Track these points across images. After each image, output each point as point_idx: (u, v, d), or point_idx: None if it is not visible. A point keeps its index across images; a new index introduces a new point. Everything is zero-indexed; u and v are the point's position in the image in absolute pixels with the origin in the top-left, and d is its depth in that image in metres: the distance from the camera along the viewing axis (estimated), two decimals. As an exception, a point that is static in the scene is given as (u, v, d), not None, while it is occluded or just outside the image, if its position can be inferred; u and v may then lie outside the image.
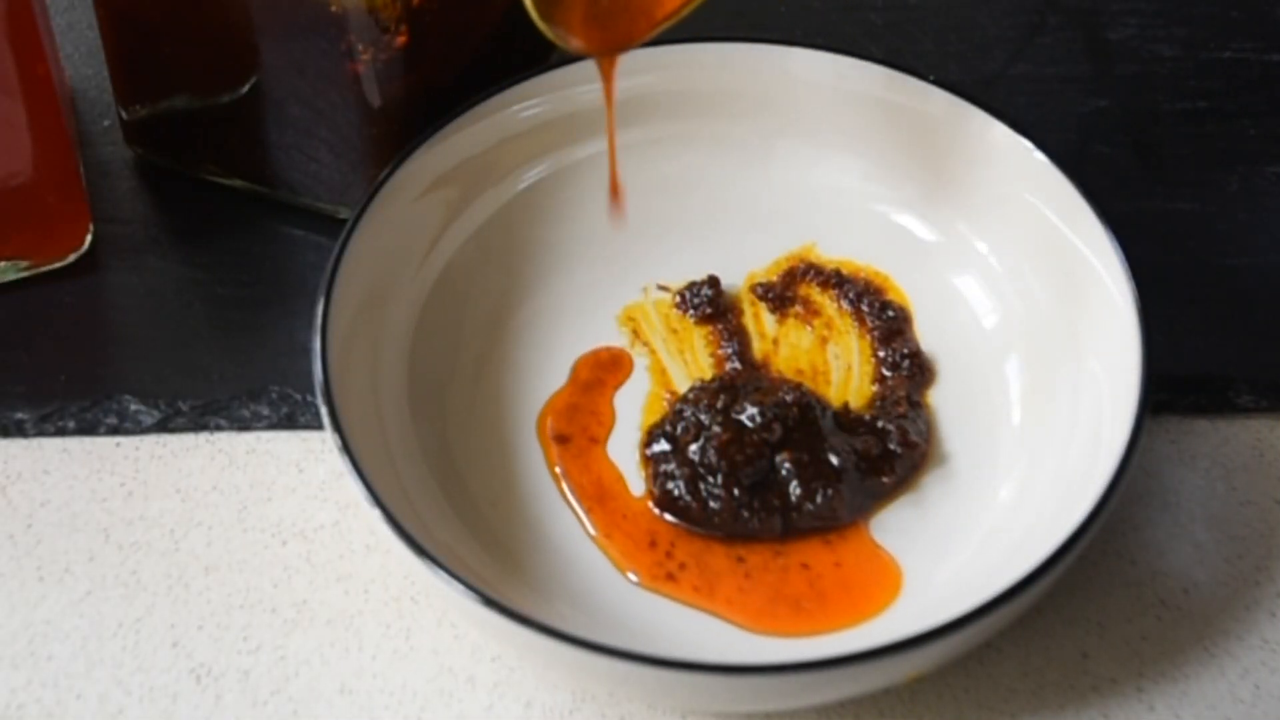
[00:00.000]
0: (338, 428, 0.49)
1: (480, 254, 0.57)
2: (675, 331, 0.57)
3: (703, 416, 0.53)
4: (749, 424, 0.52)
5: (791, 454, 0.52)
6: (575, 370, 0.56)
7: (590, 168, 0.59)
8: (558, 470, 0.53)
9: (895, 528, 0.52)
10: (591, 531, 0.52)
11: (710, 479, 0.51)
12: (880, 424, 0.53)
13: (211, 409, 0.56)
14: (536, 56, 0.62)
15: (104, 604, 0.52)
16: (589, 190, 0.59)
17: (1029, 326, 0.55)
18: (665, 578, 0.51)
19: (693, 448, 0.52)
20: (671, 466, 0.52)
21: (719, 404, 0.53)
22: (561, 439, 0.54)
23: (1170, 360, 0.55)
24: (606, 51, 0.46)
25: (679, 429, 0.53)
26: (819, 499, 0.51)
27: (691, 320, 0.57)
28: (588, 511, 0.52)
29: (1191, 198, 0.61)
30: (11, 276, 0.58)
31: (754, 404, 0.52)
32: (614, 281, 0.58)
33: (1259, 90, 0.65)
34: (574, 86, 0.58)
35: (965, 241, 0.57)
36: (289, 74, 0.56)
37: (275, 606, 0.51)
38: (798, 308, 0.57)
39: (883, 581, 0.51)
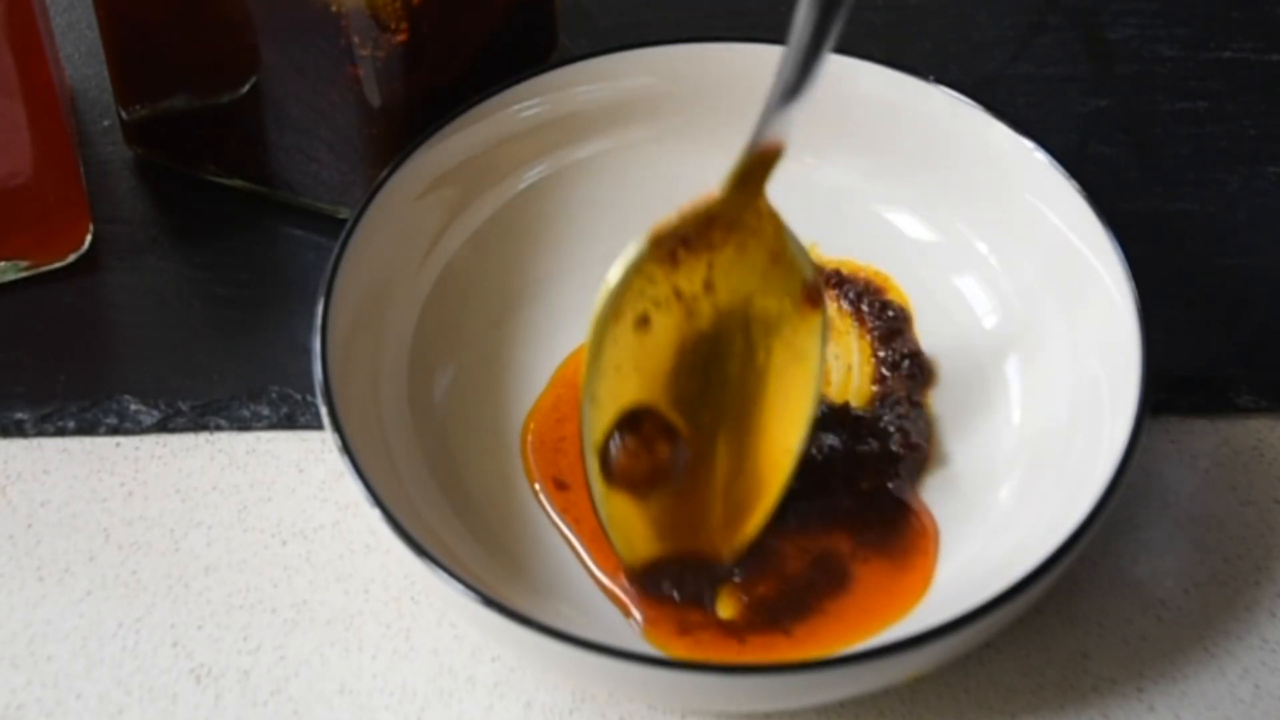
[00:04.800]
0: (338, 428, 0.49)
1: (480, 254, 0.57)
2: (675, 332, 0.57)
3: None
4: None
5: None
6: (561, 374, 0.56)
7: (590, 168, 0.59)
8: (556, 519, 0.52)
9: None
10: (599, 578, 0.51)
11: None
12: (883, 423, 0.53)
13: (211, 409, 0.56)
14: (536, 56, 0.62)
15: (104, 604, 0.52)
16: (589, 190, 0.59)
17: (1029, 326, 0.55)
18: (677, 632, 0.50)
19: None
20: None
21: None
22: (560, 485, 0.53)
23: (1170, 360, 0.55)
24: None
25: None
26: None
27: (691, 320, 0.57)
28: (593, 556, 0.52)
29: (1191, 198, 0.61)
30: (11, 276, 0.58)
31: None
32: (614, 281, 0.58)
33: (1259, 90, 0.65)
34: (574, 86, 0.58)
35: (965, 241, 0.57)
36: (289, 74, 0.56)
37: (275, 606, 0.51)
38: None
39: (903, 596, 0.50)
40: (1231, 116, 0.64)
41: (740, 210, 0.49)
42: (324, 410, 0.49)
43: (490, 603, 0.46)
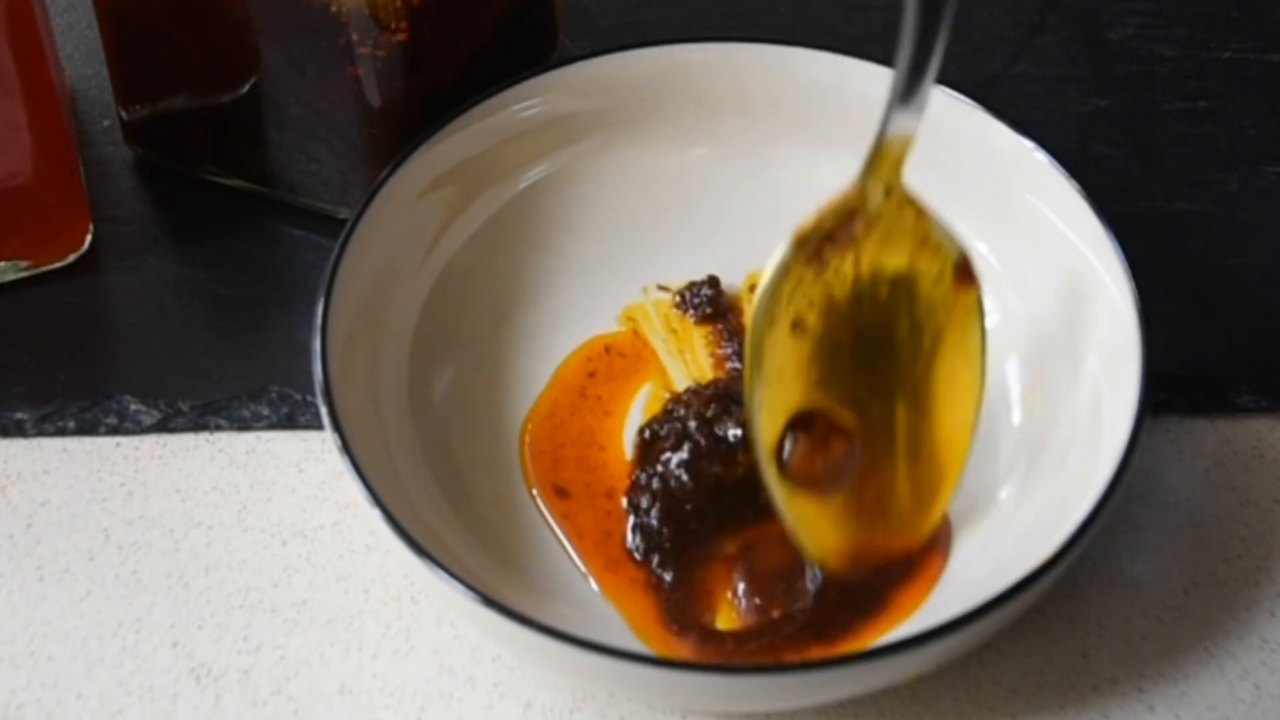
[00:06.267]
0: (338, 428, 0.49)
1: (480, 254, 0.57)
2: (675, 331, 0.57)
3: (691, 424, 0.52)
4: (732, 440, 0.52)
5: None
6: (561, 374, 0.56)
7: (590, 168, 0.59)
8: (556, 528, 0.52)
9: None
10: (596, 589, 0.51)
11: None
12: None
13: (211, 409, 0.56)
14: (536, 56, 0.62)
15: (104, 604, 0.52)
16: (589, 190, 0.59)
17: (1029, 326, 0.55)
18: (677, 639, 0.50)
19: (673, 459, 0.52)
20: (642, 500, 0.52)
21: (708, 413, 0.52)
22: (561, 492, 0.53)
23: (1170, 360, 0.55)
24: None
25: (664, 430, 0.53)
26: None
27: (691, 320, 0.57)
28: (590, 567, 0.51)
29: (1191, 198, 0.61)
30: (11, 276, 0.58)
31: (738, 423, 0.52)
32: (614, 281, 0.58)
33: (1259, 90, 0.65)
34: (574, 86, 0.58)
35: (965, 241, 0.57)
36: (289, 74, 0.56)
37: (275, 606, 0.51)
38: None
39: (909, 598, 0.50)
40: (1231, 116, 0.64)
41: (877, 201, 0.49)
42: (324, 410, 0.49)
43: (490, 603, 0.46)
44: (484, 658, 0.50)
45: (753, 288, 0.57)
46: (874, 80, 0.57)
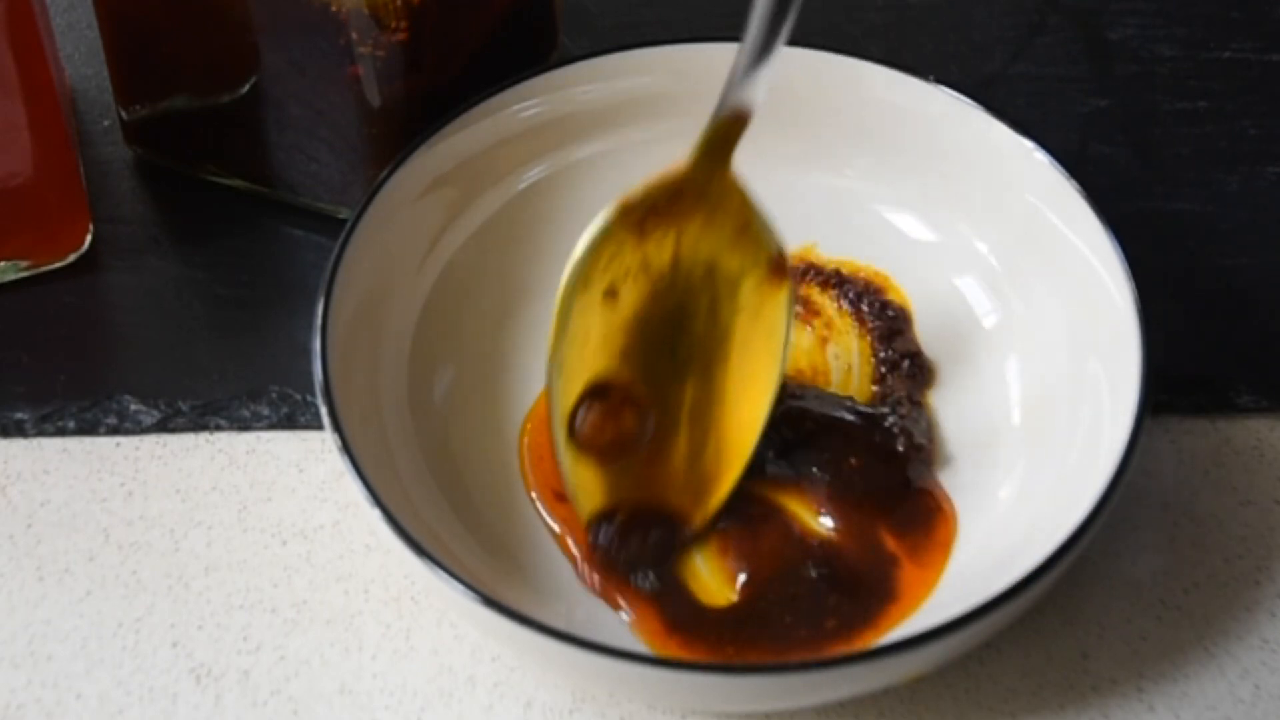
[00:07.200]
0: (338, 428, 0.49)
1: (480, 254, 0.57)
2: (675, 331, 0.57)
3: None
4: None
5: None
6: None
7: (590, 168, 0.59)
8: (556, 533, 0.52)
9: (895, 528, 0.52)
10: (596, 590, 0.51)
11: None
12: (886, 423, 0.53)
13: (211, 409, 0.56)
14: (536, 56, 0.62)
15: (104, 604, 0.52)
16: (589, 190, 0.59)
17: (1029, 326, 0.55)
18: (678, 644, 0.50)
19: None
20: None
21: None
22: (561, 497, 0.52)
23: (1170, 360, 0.55)
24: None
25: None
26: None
27: (691, 320, 0.57)
28: (593, 575, 0.51)
29: (1191, 198, 0.61)
30: (11, 276, 0.58)
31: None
32: (614, 281, 0.58)
33: (1259, 90, 0.65)
34: (574, 86, 0.58)
35: (965, 241, 0.57)
36: (289, 74, 0.56)
37: (275, 606, 0.51)
38: (797, 308, 0.57)
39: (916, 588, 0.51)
40: (1231, 116, 0.64)
41: (708, 180, 0.49)
42: (324, 410, 0.49)
43: (490, 603, 0.46)
44: (484, 658, 0.50)
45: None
46: (874, 80, 0.58)
